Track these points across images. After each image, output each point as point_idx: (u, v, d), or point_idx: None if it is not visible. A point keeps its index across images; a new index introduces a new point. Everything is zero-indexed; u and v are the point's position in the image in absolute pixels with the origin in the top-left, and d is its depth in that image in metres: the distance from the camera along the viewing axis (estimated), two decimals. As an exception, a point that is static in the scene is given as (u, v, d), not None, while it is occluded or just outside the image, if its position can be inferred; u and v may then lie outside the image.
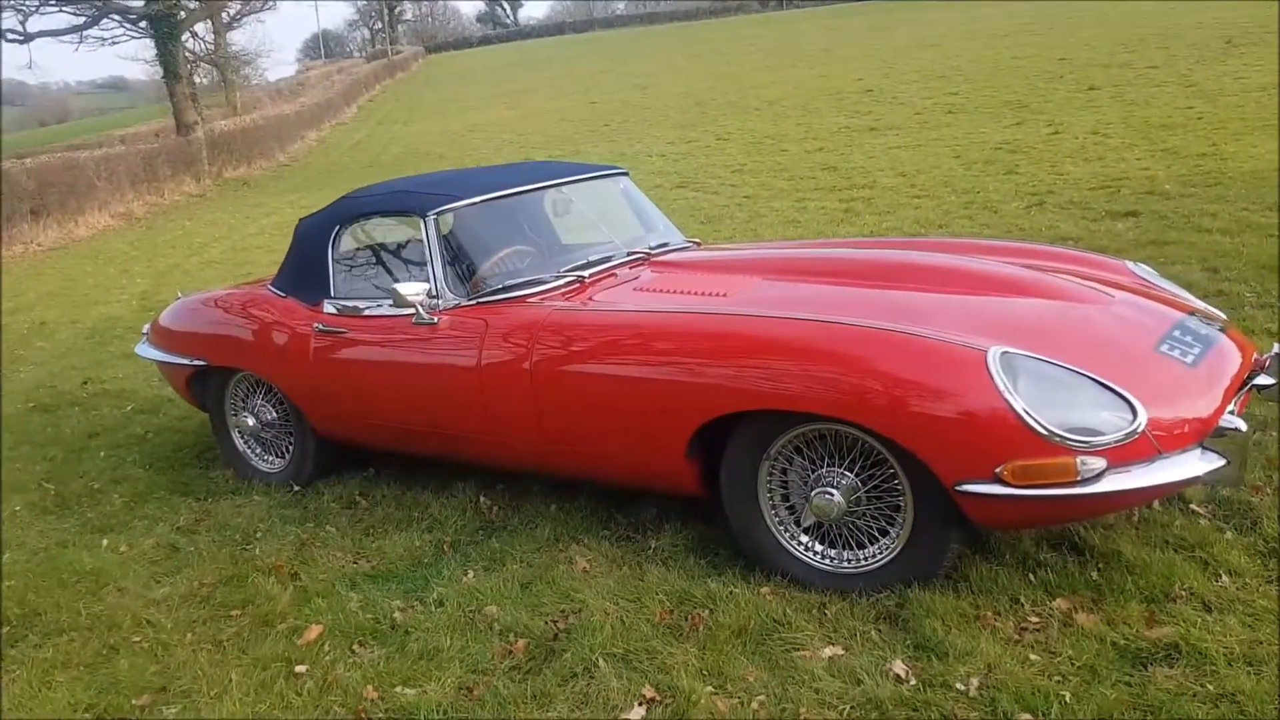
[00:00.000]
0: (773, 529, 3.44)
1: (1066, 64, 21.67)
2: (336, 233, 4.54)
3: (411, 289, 3.94)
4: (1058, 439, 2.86)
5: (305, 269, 4.62)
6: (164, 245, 15.99)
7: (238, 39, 39.28)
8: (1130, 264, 4.18)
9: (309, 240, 4.64)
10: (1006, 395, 2.88)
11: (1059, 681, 2.78)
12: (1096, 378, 2.99)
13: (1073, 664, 2.84)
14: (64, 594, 3.88)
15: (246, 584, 3.81)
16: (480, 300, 4.05)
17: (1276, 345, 3.67)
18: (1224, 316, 3.89)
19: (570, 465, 3.91)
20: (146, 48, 28.15)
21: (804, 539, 3.41)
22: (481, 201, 4.30)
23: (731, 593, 3.33)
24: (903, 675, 2.85)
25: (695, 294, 3.87)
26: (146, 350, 5.31)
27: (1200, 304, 3.93)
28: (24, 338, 9.57)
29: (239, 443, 4.99)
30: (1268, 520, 3.45)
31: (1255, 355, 3.62)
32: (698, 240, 4.94)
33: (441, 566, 3.79)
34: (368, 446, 4.62)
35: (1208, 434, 3.02)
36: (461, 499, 4.35)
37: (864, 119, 19.95)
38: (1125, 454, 2.91)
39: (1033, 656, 2.89)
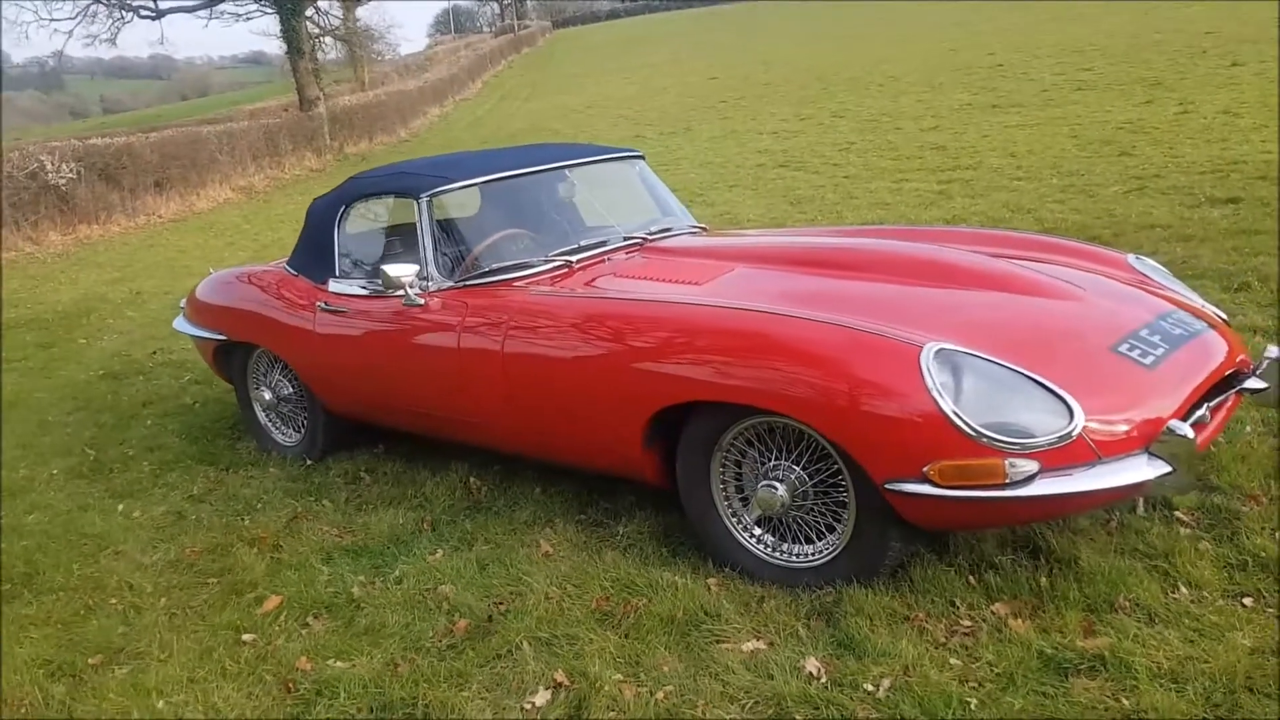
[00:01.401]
0: (725, 520, 3.47)
1: (1213, 38, 20.60)
2: (343, 213, 4.73)
3: (400, 270, 4.08)
4: (985, 439, 2.82)
5: (314, 248, 4.83)
6: (275, 219, 16.72)
7: (363, 15, 40.44)
8: (1132, 257, 4.04)
9: (318, 219, 4.85)
10: (934, 393, 2.85)
11: (973, 688, 2.75)
12: (1035, 377, 2.92)
13: (991, 670, 2.80)
14: (66, 555, 4.18)
15: (229, 553, 4.04)
16: (467, 283, 4.17)
17: (1273, 348, 3.51)
18: (1218, 315, 3.73)
19: (541, 449, 4.01)
20: (277, 24, 29.18)
21: (757, 531, 3.44)
22: (476, 184, 4.41)
23: (674, 582, 3.38)
24: (815, 673, 2.86)
25: (668, 281, 3.90)
26: (181, 324, 5.63)
27: (1196, 301, 3.78)
28: (117, 307, 10.19)
29: (261, 416, 5.25)
30: (1249, 532, 3.31)
31: (1242, 357, 3.47)
32: (704, 226, 4.94)
33: (415, 544, 3.94)
34: (371, 423, 4.81)
35: (1155, 439, 2.92)
36: (454, 479, 4.50)
37: (988, 95, 19.46)
38: (1060, 457, 2.84)
39: (953, 661, 2.86)
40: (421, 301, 4.14)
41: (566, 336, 3.68)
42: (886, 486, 2.97)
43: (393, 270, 4.07)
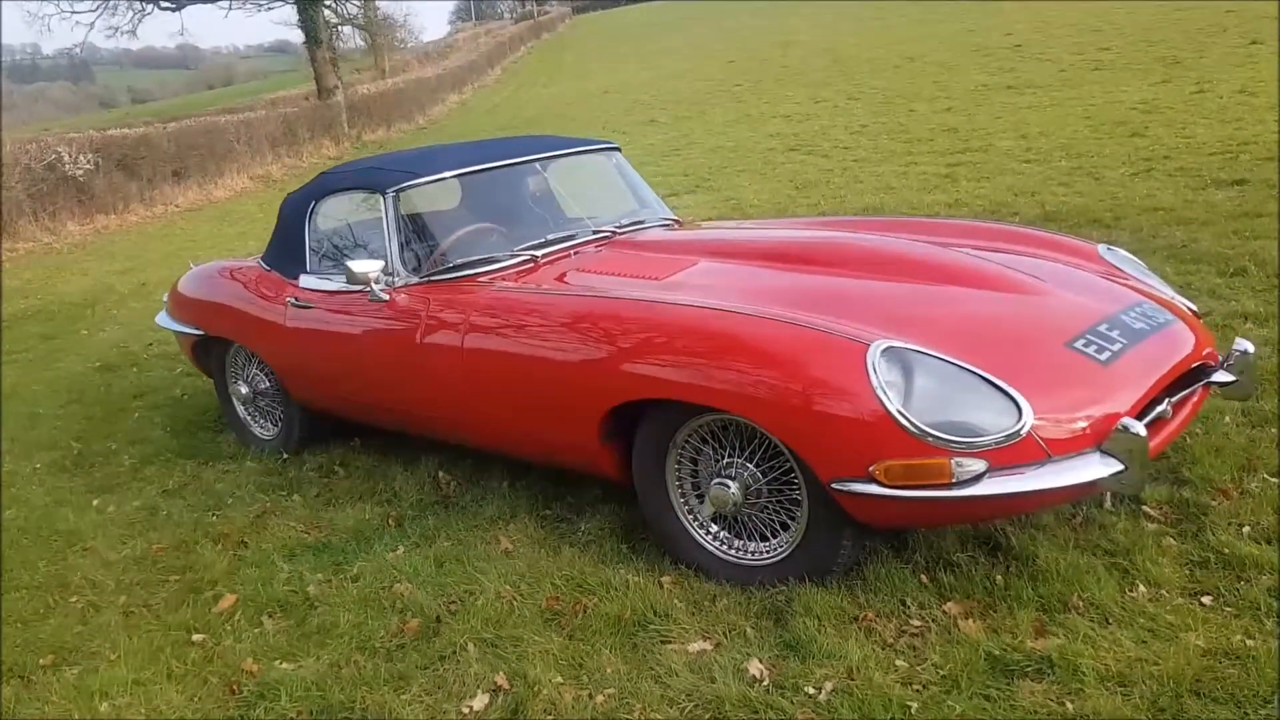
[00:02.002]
0: (681, 517, 3.41)
1: (1234, 15, 20.22)
2: (313, 208, 4.69)
3: (365, 266, 4.03)
4: (931, 439, 2.74)
5: (286, 243, 4.78)
6: (288, 208, 16.75)
7: (383, 4, 40.43)
8: (1103, 248, 3.94)
9: (290, 215, 4.80)
10: (879, 392, 2.77)
11: (916, 691, 2.68)
12: (984, 374, 2.84)
13: (937, 672, 2.73)
14: (37, 552, 4.18)
15: (193, 550, 4.02)
16: (432, 278, 4.12)
17: (1242, 341, 3.41)
18: (1188, 307, 3.63)
19: (503, 445, 3.96)
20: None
21: (713, 528, 3.37)
22: (442, 179, 4.35)
23: (627, 580, 3.33)
24: (758, 675, 2.80)
25: (628, 276, 3.83)
26: (163, 319, 5.61)
27: (1166, 293, 3.68)
28: (123, 298, 10.23)
29: (240, 410, 5.23)
30: (1215, 528, 3.22)
31: (1209, 350, 3.37)
32: (677, 219, 4.86)
33: (378, 541, 3.90)
34: (343, 418, 4.77)
35: (1107, 437, 2.83)
36: (424, 473, 4.46)
37: (1004, 76, 19.28)
38: (1009, 456, 2.76)
39: (899, 662, 2.79)
40: (386, 297, 4.09)
41: (524, 332, 3.63)
42: (833, 486, 2.90)
43: (357, 266, 4.03)
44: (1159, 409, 3.09)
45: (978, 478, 2.75)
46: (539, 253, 4.16)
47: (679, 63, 33.96)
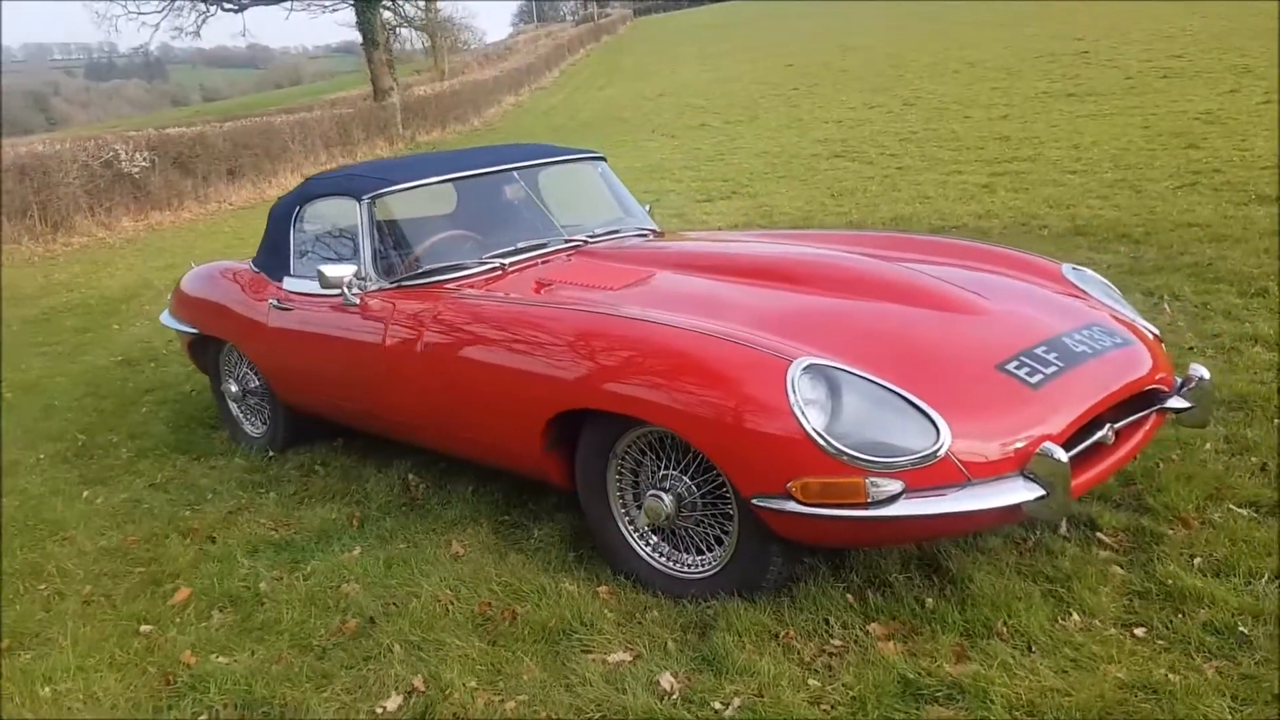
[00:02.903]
0: (621, 527, 3.44)
1: (1317, 20, 19.71)
2: (298, 212, 4.81)
3: (337, 271, 4.13)
4: (846, 457, 2.75)
5: (273, 246, 4.92)
6: (336, 207, 17.06)
7: (444, 6, 40.92)
8: (1068, 268, 3.90)
9: (277, 219, 4.94)
10: (796, 409, 2.79)
11: (824, 711, 2.69)
12: (904, 394, 2.84)
13: (847, 693, 2.74)
14: (20, 539, 4.33)
15: (163, 543, 4.14)
16: (402, 284, 4.21)
17: (1197, 367, 3.37)
18: (1148, 331, 3.58)
19: (459, 449, 4.04)
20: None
21: (653, 539, 3.41)
22: (418, 186, 4.44)
23: (562, 589, 3.37)
24: (668, 689, 2.82)
25: (586, 286, 3.88)
26: (165, 318, 5.78)
27: (1127, 315, 3.63)
28: (159, 293, 10.50)
29: (232, 408, 5.38)
30: (1166, 558, 3.18)
31: (1162, 375, 3.33)
32: (657, 230, 4.89)
33: (338, 540, 3.99)
34: (322, 418, 4.88)
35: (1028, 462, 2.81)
36: (394, 475, 4.55)
37: (1066, 84, 19.03)
38: (926, 477, 2.76)
39: (812, 682, 2.80)
40: (357, 301, 4.18)
41: (475, 339, 3.71)
42: (754, 502, 2.92)
43: (330, 270, 4.12)
44: (1099, 434, 3.05)
45: (893, 498, 2.75)
46: (506, 261, 4.23)
47: (737, 66, 33.95)
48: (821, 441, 2.74)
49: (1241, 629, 2.82)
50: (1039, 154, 12.38)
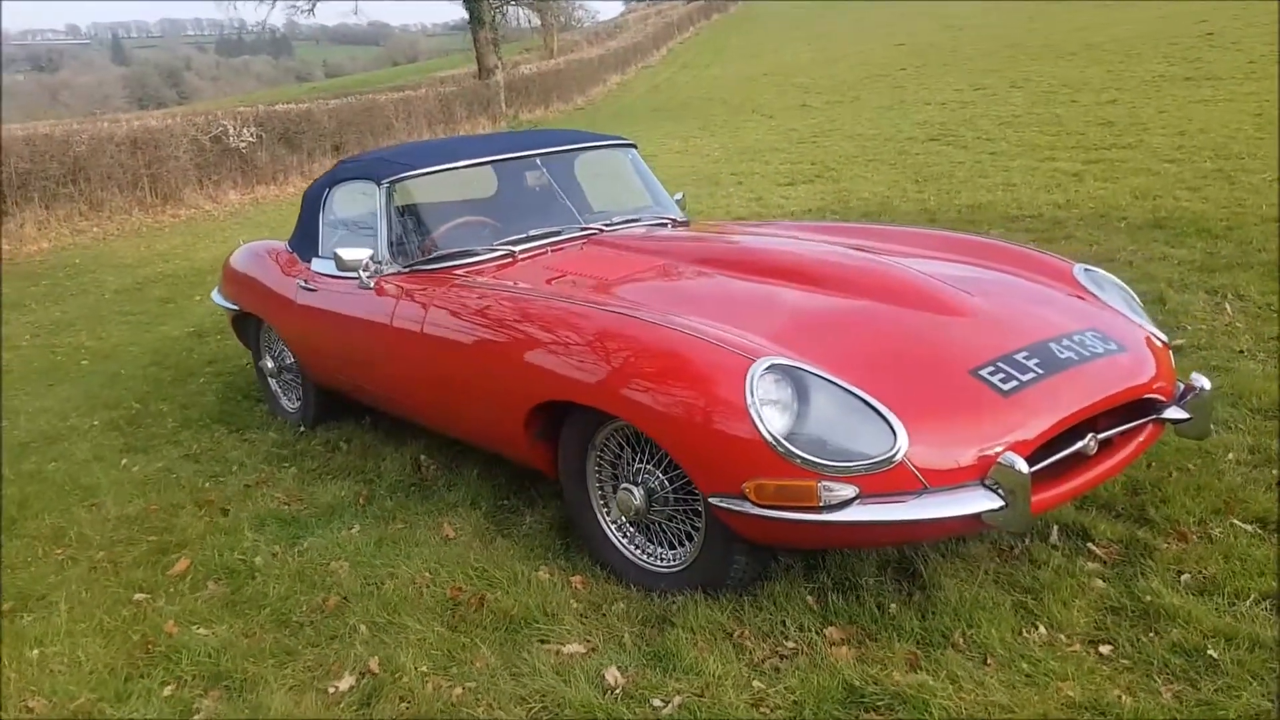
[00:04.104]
0: (600, 518, 3.45)
1: None
2: (326, 195, 4.92)
3: (354, 254, 4.21)
4: (799, 460, 2.70)
5: (304, 227, 5.04)
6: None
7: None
8: (1080, 268, 3.73)
9: (308, 200, 5.06)
10: (752, 409, 2.74)
11: (762, 714, 2.66)
12: (864, 397, 2.77)
13: (788, 696, 2.70)
14: (53, 503, 4.53)
15: (179, 513, 4.29)
16: (415, 268, 4.27)
17: (1199, 377, 3.21)
18: (1157, 338, 3.41)
19: (459, 432, 4.10)
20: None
21: (630, 531, 3.40)
22: (437, 171, 4.49)
23: (534, 577, 3.39)
24: (613, 683, 2.82)
25: (586, 276, 3.86)
26: (215, 295, 5.98)
27: (1136, 319, 3.47)
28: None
29: (271, 383, 5.54)
30: (1152, 574, 3.05)
31: (1161, 385, 3.17)
32: (676, 220, 4.84)
33: (340, 518, 4.08)
34: (346, 396, 4.99)
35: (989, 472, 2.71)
36: (408, 456, 4.63)
37: (1185, 67, 18.27)
38: (880, 483, 2.69)
39: (756, 683, 2.76)
40: (372, 284, 4.26)
41: (469, 324, 3.74)
42: (711, 500, 2.90)
43: (346, 253, 4.21)
44: (1080, 444, 2.93)
45: (846, 503, 2.69)
46: (517, 248, 4.25)
47: (847, 46, 33.39)
48: (774, 443, 2.70)
49: (1211, 652, 2.69)
50: (1140, 141, 11.90)
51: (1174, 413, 3.19)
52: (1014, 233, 7.92)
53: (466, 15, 30.32)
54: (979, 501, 2.69)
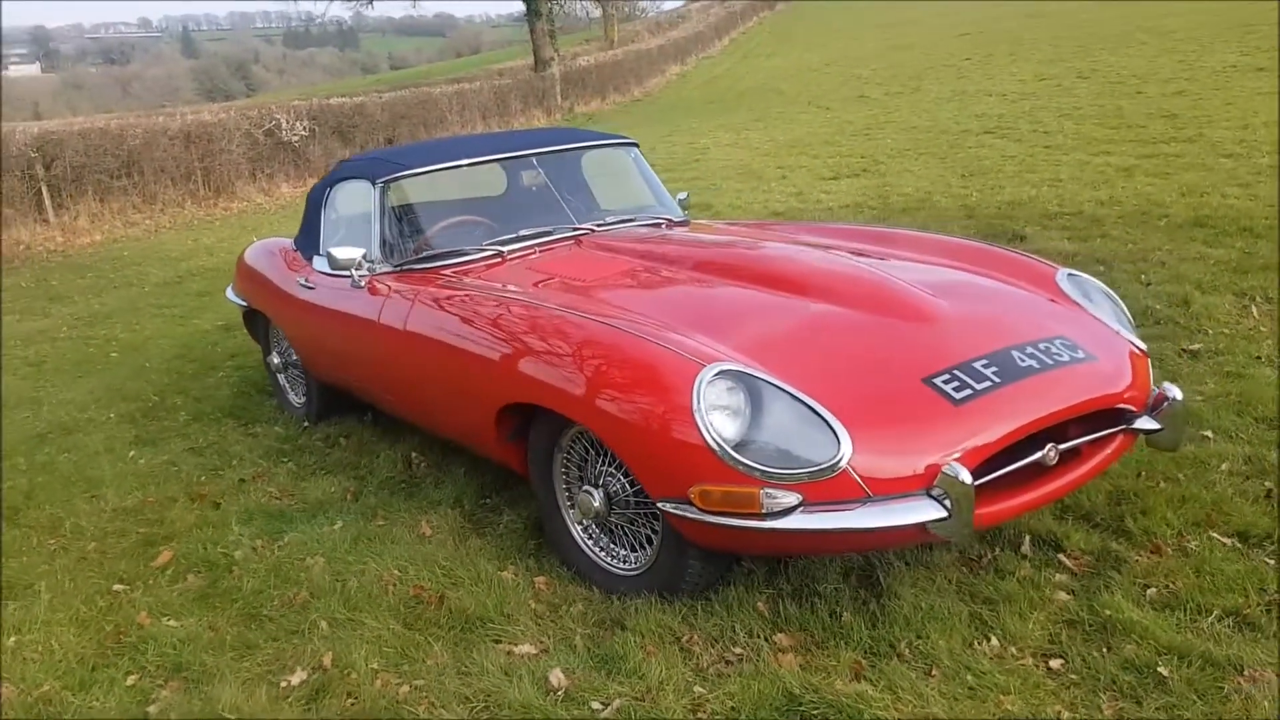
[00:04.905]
0: (566, 520, 3.50)
1: None
2: (328, 194, 5.02)
3: (346, 253, 4.29)
4: (742, 467, 2.72)
5: (307, 226, 5.16)
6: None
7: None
8: (1064, 273, 3.68)
9: (312, 199, 5.17)
10: (699, 415, 2.77)
11: (698, 719, 2.69)
12: (810, 403, 2.77)
13: (727, 702, 2.72)
14: (56, 494, 4.70)
15: (172, 505, 4.42)
16: (404, 268, 4.35)
17: (1171, 387, 3.16)
18: (1136, 347, 3.35)
19: (440, 430, 4.18)
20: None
21: (595, 532, 3.45)
22: (431, 171, 4.55)
23: (500, 576, 3.45)
24: (556, 685, 2.86)
25: (562, 278, 3.90)
26: (229, 291, 6.13)
27: (1115, 326, 3.42)
28: (282, 262, 11.12)
29: (280, 378, 5.67)
30: (1118, 588, 3.03)
31: (1132, 394, 3.13)
32: (671, 220, 4.85)
33: (325, 514, 4.17)
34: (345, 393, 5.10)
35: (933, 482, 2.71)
36: (399, 452, 4.72)
37: (1259, 56, 17.88)
38: (824, 491, 2.70)
39: (698, 689, 2.79)
40: (363, 284, 4.35)
41: (444, 323, 3.80)
42: (660, 505, 2.93)
43: (339, 252, 4.29)
44: (1039, 454, 2.90)
45: (788, 511, 2.71)
46: (505, 248, 4.31)
47: (913, 35, 33.04)
48: (718, 449, 2.72)
49: (1161, 669, 2.65)
50: (1200, 134, 11.65)
51: (1145, 423, 3.14)
52: (1049, 230, 7.82)
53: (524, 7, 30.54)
54: (923, 511, 2.68)
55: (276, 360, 5.55)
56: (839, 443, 2.71)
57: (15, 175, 14.51)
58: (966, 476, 2.64)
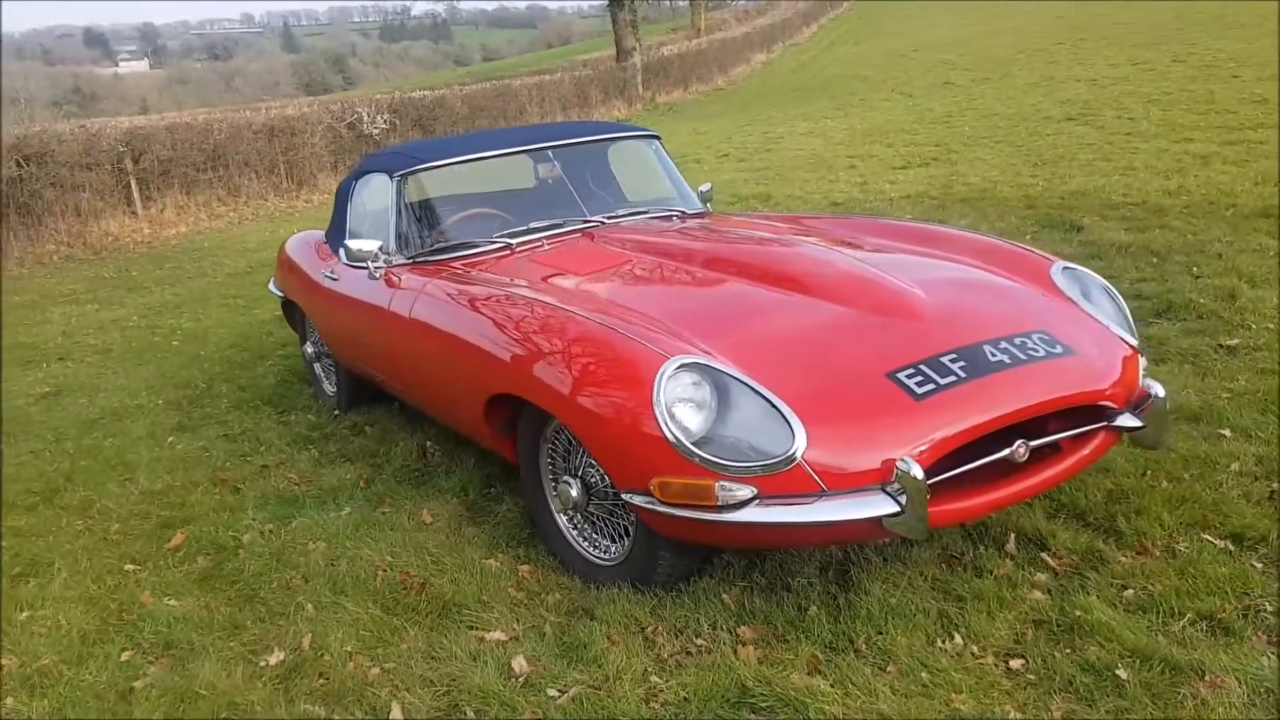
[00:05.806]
0: (552, 510, 3.56)
1: None
2: (353, 188, 5.16)
3: (363, 245, 4.42)
4: (697, 459, 2.75)
5: (336, 219, 5.31)
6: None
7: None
8: (1060, 266, 3.61)
9: (340, 192, 5.31)
10: (658, 407, 2.80)
11: (652, 709, 2.73)
12: (768, 396, 2.78)
13: (680, 693, 2.76)
14: (92, 477, 4.92)
15: (194, 489, 4.60)
16: (417, 260, 4.45)
17: (1153, 384, 3.09)
18: (1128, 342, 3.27)
19: (445, 420, 4.27)
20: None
21: (579, 522, 3.50)
22: (447, 165, 4.65)
23: (484, 564, 3.53)
24: (518, 671, 2.92)
25: (564, 271, 3.96)
26: (272, 284, 6.33)
27: (1105, 321, 3.34)
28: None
29: (316, 367, 5.85)
30: (1095, 589, 2.98)
31: (1112, 391, 3.06)
32: (686, 213, 4.86)
33: (336, 500, 4.29)
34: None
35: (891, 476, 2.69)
36: (416, 441, 4.84)
37: (1367, 37, 17.03)
38: (779, 485, 2.71)
39: (654, 679, 2.83)
40: (379, 276, 4.47)
41: (444, 314, 3.90)
42: (623, 496, 2.97)
43: (355, 244, 4.42)
44: (1007, 451, 2.87)
45: (743, 504, 2.73)
46: (514, 240, 4.38)
47: (1006, 19, 32.34)
48: (676, 442, 2.75)
49: (1119, 672, 2.61)
50: (1290, 121, 11.23)
51: (1126, 420, 3.07)
52: (1107, 221, 7.63)
53: (609, -2, 30.66)
54: (876, 506, 2.68)
55: (310, 350, 5.72)
56: (793, 436, 2.71)
57: (105, 169, 15.09)
58: (919, 471, 2.63)
